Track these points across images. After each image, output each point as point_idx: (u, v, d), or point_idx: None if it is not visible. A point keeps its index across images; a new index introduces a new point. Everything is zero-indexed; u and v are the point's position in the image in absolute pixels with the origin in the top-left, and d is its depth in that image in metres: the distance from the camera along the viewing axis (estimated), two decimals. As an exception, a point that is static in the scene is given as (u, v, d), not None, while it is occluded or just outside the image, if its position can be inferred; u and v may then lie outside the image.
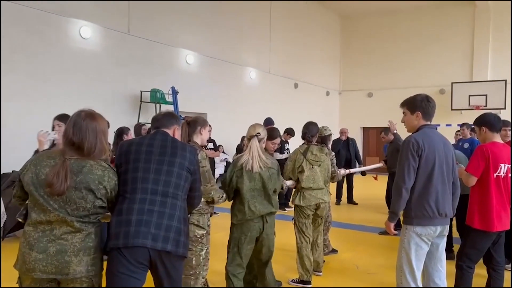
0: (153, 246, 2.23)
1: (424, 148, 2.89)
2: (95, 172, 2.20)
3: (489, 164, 3.33)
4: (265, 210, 3.33)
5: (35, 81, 7.59)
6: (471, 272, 3.51)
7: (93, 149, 2.23)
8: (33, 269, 2.13)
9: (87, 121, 2.25)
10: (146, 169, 2.35)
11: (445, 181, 2.96)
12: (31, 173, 2.17)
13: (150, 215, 2.27)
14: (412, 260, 2.94)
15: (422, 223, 2.92)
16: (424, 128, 3.03)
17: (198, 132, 3.32)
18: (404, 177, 2.90)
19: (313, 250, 4.61)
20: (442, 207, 2.93)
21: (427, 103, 3.05)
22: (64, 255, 2.13)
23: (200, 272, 3.24)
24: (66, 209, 2.14)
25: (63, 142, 2.26)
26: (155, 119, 2.68)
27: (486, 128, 3.47)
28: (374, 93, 17.61)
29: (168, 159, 2.41)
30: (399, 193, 2.93)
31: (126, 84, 9.25)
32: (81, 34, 8.37)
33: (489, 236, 3.42)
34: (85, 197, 2.16)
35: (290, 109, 14.29)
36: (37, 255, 2.13)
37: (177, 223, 2.32)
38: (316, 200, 4.32)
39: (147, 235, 2.23)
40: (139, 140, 2.51)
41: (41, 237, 2.15)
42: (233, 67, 12.35)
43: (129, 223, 2.24)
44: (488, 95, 14.41)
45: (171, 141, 2.52)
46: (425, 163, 2.90)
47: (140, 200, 2.29)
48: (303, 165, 4.32)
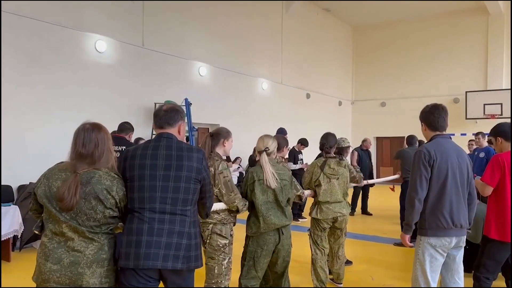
0: (164, 267, 2.26)
1: (436, 158, 2.87)
2: (104, 182, 2.22)
3: (505, 174, 3.29)
4: (280, 223, 3.33)
5: (51, 95, 7.74)
6: (489, 283, 3.45)
7: (101, 156, 2.27)
8: (47, 280, 2.17)
9: (95, 132, 2.30)
10: (152, 187, 2.30)
11: (459, 191, 2.93)
12: (44, 186, 2.23)
13: (159, 235, 2.27)
14: (427, 272, 2.91)
15: (436, 234, 2.89)
16: (436, 138, 3.02)
17: (221, 144, 3.37)
18: (416, 188, 2.87)
19: (334, 262, 4.59)
20: (457, 217, 2.89)
21: (429, 114, 3.06)
22: (77, 267, 2.16)
23: (222, 281, 3.27)
24: (77, 220, 2.18)
25: (72, 156, 2.27)
26: (157, 115, 2.49)
27: (502, 138, 3.44)
28: (387, 103, 17.53)
29: (173, 174, 2.33)
30: (412, 204, 2.90)
31: (140, 96, 9.38)
32: (97, 48, 8.53)
33: (507, 246, 3.36)
34: (95, 207, 2.19)
35: (303, 119, 14.30)
36: (51, 266, 2.17)
37: (186, 240, 2.31)
38: (334, 214, 4.28)
39: (157, 256, 2.24)
40: (142, 152, 2.39)
41: (56, 248, 2.19)
42: (245, 78, 12.44)
43: (139, 244, 2.25)
44: (504, 103, 14.22)
45: (176, 149, 2.39)
46: (438, 173, 2.88)
47: (149, 220, 2.28)
48: (320, 179, 4.27)
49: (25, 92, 7.31)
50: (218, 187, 3.19)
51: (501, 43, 15.12)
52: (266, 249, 3.31)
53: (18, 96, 7.19)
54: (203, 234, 3.29)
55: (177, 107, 2.60)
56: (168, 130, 2.48)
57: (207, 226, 3.27)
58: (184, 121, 2.58)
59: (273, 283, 3.57)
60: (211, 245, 3.26)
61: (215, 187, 3.19)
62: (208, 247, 3.27)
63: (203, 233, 3.29)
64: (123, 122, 6.10)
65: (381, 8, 15.52)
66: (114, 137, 6.16)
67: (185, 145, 2.46)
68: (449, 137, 3.08)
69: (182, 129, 2.55)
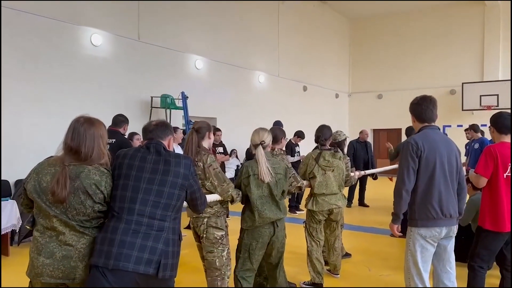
0: (135, 269, 2.14)
1: (424, 149, 2.89)
2: (92, 177, 2.22)
3: (498, 165, 3.32)
4: (275, 217, 3.35)
5: (48, 89, 7.72)
6: (484, 272, 3.49)
7: (90, 153, 2.25)
8: (41, 274, 2.18)
9: (85, 126, 2.28)
10: (135, 188, 2.28)
11: (448, 181, 2.94)
12: (34, 181, 2.23)
13: (134, 236, 2.19)
14: (418, 262, 2.95)
15: (426, 224, 2.92)
16: (424, 129, 3.04)
17: (207, 137, 3.40)
18: (404, 179, 2.90)
19: (330, 253, 4.63)
20: (446, 208, 2.92)
21: (417, 106, 3.08)
22: (70, 261, 2.17)
23: (225, 272, 3.33)
24: (67, 214, 2.18)
25: (63, 149, 2.28)
26: (148, 130, 2.57)
27: (494, 128, 3.46)
28: (384, 95, 17.56)
29: (159, 178, 2.32)
30: (399, 195, 2.93)
31: (136, 90, 9.36)
32: (92, 41, 8.50)
33: (501, 236, 3.41)
34: (84, 202, 2.19)
35: (300, 112, 14.31)
36: (44, 260, 2.17)
37: (163, 245, 2.23)
38: (329, 206, 4.31)
39: (129, 258, 2.14)
40: (133, 153, 2.42)
41: (48, 243, 2.19)
42: (242, 71, 12.42)
43: (112, 243, 2.16)
44: (500, 94, 14.27)
45: (165, 155, 2.42)
46: (426, 164, 2.90)
47: (126, 220, 2.22)
48: (314, 171, 4.29)
49: (22, 87, 7.29)
50: (209, 180, 3.22)
51: (497, 34, 15.14)
52: (261, 241, 3.35)
53: (15, 91, 7.17)
54: (198, 229, 3.32)
55: (166, 122, 2.70)
56: (159, 141, 2.54)
57: (201, 220, 3.29)
58: (173, 136, 2.67)
59: (268, 274, 3.62)
60: (208, 239, 3.28)
61: (206, 180, 3.22)
62: (206, 241, 3.30)
63: (198, 228, 3.32)
64: (116, 115, 6.09)
65: None
66: (108, 130, 6.20)
67: (173, 152, 2.51)
68: (437, 128, 3.08)
69: (171, 144, 2.63)
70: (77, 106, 8.11)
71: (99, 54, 8.67)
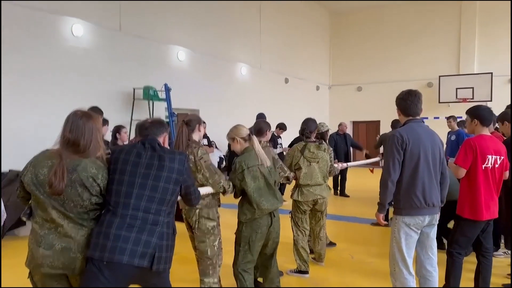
0: (130, 262, 2.18)
1: (408, 141, 3.03)
2: (89, 170, 2.27)
3: (477, 157, 3.47)
4: (273, 207, 3.44)
5: (28, 81, 7.59)
6: (461, 258, 3.68)
7: (88, 146, 2.30)
8: (41, 265, 2.23)
9: (84, 120, 2.33)
10: (130, 183, 2.32)
11: (431, 172, 3.09)
12: (31, 173, 2.26)
13: (129, 230, 2.23)
14: (403, 249, 3.09)
15: (410, 213, 3.07)
16: (409, 123, 3.18)
17: (197, 129, 3.44)
18: (389, 170, 3.04)
19: (315, 242, 4.77)
20: (429, 197, 3.07)
21: (402, 100, 3.22)
22: (69, 252, 2.22)
23: (216, 261, 3.40)
24: (64, 206, 2.22)
25: (60, 141, 2.32)
26: (143, 127, 2.65)
27: (478, 121, 3.61)
28: (364, 88, 17.83)
29: (154, 173, 2.37)
30: (385, 185, 3.07)
31: (118, 81, 9.28)
32: (73, 32, 8.38)
33: (478, 224, 3.58)
34: (81, 194, 2.23)
35: (281, 104, 14.42)
36: (44, 251, 2.22)
37: (157, 239, 2.27)
38: (314, 196, 4.44)
39: (123, 251, 2.18)
40: (129, 149, 2.47)
41: (47, 234, 2.24)
42: (224, 63, 12.43)
43: (107, 236, 2.20)
44: (475, 87, 14.71)
45: (160, 151, 2.47)
46: (410, 156, 3.03)
47: (122, 215, 2.26)
48: (300, 162, 4.41)
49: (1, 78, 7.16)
50: (201, 172, 3.28)
51: (473, 28, 15.53)
52: (260, 232, 3.41)
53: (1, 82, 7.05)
54: (191, 220, 3.38)
55: (162, 120, 2.79)
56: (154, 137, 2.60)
57: (193, 211, 3.35)
58: (168, 133, 2.73)
59: (261, 264, 3.68)
60: (200, 229, 3.36)
61: (198, 173, 3.28)
62: (198, 232, 3.37)
63: (190, 219, 3.38)
64: (90, 107, 6.07)
65: (358, -7, 15.68)
66: None
67: (168, 148, 2.57)
68: (422, 121, 3.23)
69: (166, 141, 2.69)
70: (57, 98, 8.02)
71: (80, 45, 8.56)
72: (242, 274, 3.46)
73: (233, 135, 3.56)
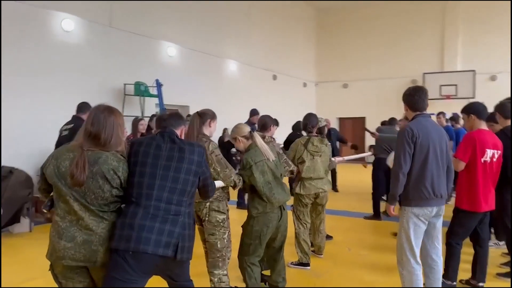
0: (155, 252, 2.23)
1: (418, 135, 3.13)
2: (110, 163, 2.29)
3: (476, 150, 3.61)
4: (283, 199, 3.50)
5: (17, 76, 7.47)
6: (459, 248, 3.82)
7: (109, 140, 2.32)
8: (62, 257, 2.24)
9: (105, 114, 2.36)
10: (152, 174, 2.36)
11: (439, 164, 3.20)
12: (53, 166, 2.28)
13: (153, 220, 2.28)
14: (411, 238, 3.19)
15: (419, 204, 3.17)
16: (418, 117, 3.28)
17: (208, 124, 3.46)
18: (401, 163, 3.13)
19: (315, 236, 4.86)
20: (437, 189, 3.18)
21: (410, 96, 3.32)
22: (90, 245, 2.24)
23: (225, 253, 3.43)
24: (86, 198, 2.25)
25: (82, 134, 2.35)
26: (162, 119, 2.71)
27: (475, 116, 3.75)
28: (349, 84, 18.05)
29: (175, 165, 2.41)
30: (396, 177, 3.15)
31: (109, 77, 9.21)
32: (63, 27, 8.28)
33: (476, 216, 3.73)
34: (102, 186, 2.26)
35: (270, 100, 14.46)
36: (65, 244, 2.23)
37: (180, 229, 2.33)
38: (316, 190, 4.53)
39: (148, 240, 2.23)
40: (148, 141, 2.50)
41: (68, 227, 2.26)
42: (214, 60, 12.43)
43: (132, 227, 2.24)
44: (458, 85, 15.05)
45: (179, 143, 2.51)
46: (420, 149, 3.13)
47: (145, 206, 2.30)
48: (303, 156, 4.48)
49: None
50: (212, 166, 3.32)
51: (457, 26, 15.87)
52: (271, 226, 3.46)
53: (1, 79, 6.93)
54: (201, 212, 3.42)
55: (180, 114, 2.82)
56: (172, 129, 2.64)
57: (204, 204, 3.39)
58: (185, 126, 2.77)
59: (269, 256, 3.72)
60: (210, 222, 3.40)
61: (209, 166, 3.31)
62: (208, 224, 3.41)
63: (201, 211, 3.42)
64: (80, 102, 6.09)
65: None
66: (72, 117, 6.17)
67: (187, 141, 2.62)
68: (429, 116, 3.34)
69: (183, 133, 2.75)
70: (47, 93, 7.94)
71: (71, 40, 8.46)
72: (251, 267, 3.52)
73: (234, 135, 3.61)
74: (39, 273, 4.43)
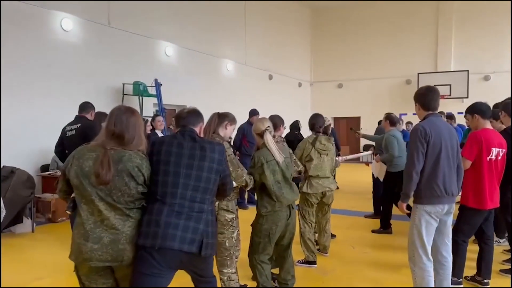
0: (180, 248, 2.29)
1: (431, 134, 3.16)
2: (134, 160, 2.32)
3: (483, 149, 3.68)
4: (292, 199, 3.53)
5: (17, 74, 7.44)
6: (466, 245, 3.89)
7: (131, 140, 2.35)
8: (90, 259, 2.25)
9: (127, 115, 2.38)
10: (176, 173, 2.40)
11: (451, 163, 3.26)
12: (76, 166, 2.29)
13: (178, 217, 2.33)
14: (423, 236, 3.24)
15: (431, 201, 3.21)
16: (430, 117, 3.31)
17: (224, 126, 3.48)
18: (414, 162, 3.16)
19: (321, 235, 4.91)
20: (449, 187, 3.23)
21: (423, 96, 3.35)
22: (117, 244, 2.26)
23: (233, 252, 3.45)
24: (112, 196, 2.26)
25: (104, 134, 2.37)
26: (181, 117, 2.68)
27: (479, 115, 3.82)
28: (344, 84, 18.16)
29: (197, 163, 2.45)
30: (410, 176, 3.18)
31: (108, 76, 9.19)
32: (63, 26, 8.25)
33: (482, 213, 3.80)
34: (128, 183, 2.28)
35: (265, 100, 14.52)
36: (93, 246, 2.24)
37: (203, 226, 2.39)
38: (323, 189, 4.57)
39: (174, 237, 2.28)
40: (170, 140, 2.53)
41: (93, 228, 2.26)
42: (210, 59, 12.45)
43: (158, 224, 2.29)
44: (452, 84, 15.22)
45: (200, 142, 2.54)
46: (433, 148, 3.17)
47: (170, 203, 2.35)
48: (311, 154, 4.53)
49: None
50: None
51: (450, 26, 16.06)
52: (280, 224, 3.49)
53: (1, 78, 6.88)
54: None
55: (198, 111, 2.77)
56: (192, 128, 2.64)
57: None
58: (203, 123, 2.77)
59: (278, 254, 3.77)
60: (219, 221, 3.41)
61: None
62: (217, 223, 3.42)
63: None
64: (83, 102, 6.03)
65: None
66: (75, 117, 6.13)
67: (206, 139, 2.65)
68: (440, 116, 3.39)
69: (201, 131, 2.75)
70: (46, 92, 7.91)
71: (70, 39, 8.43)
72: (261, 265, 3.54)
73: (253, 130, 3.65)
74: (44, 273, 4.46)
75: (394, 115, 6.34)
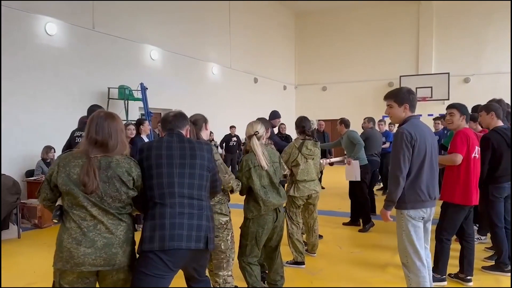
0: (188, 247, 2.35)
1: (416, 138, 3.08)
2: (123, 165, 2.33)
3: (470, 146, 3.81)
4: (278, 203, 3.57)
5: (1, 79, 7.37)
6: (449, 244, 4.01)
7: (115, 146, 2.35)
8: (82, 263, 2.22)
9: (109, 121, 2.37)
10: (169, 174, 2.43)
11: (433, 166, 3.23)
12: (63, 174, 2.26)
13: (181, 217, 2.38)
14: (414, 241, 3.15)
15: (415, 206, 3.14)
16: (411, 119, 3.22)
17: (204, 128, 3.49)
18: (400, 167, 3.06)
19: (309, 235, 4.99)
20: (432, 191, 3.19)
21: (412, 95, 3.27)
22: (111, 248, 2.25)
23: (230, 254, 3.48)
24: (103, 203, 2.26)
25: (86, 141, 2.34)
26: (167, 120, 2.68)
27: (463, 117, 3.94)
28: (328, 87, 18.35)
29: (189, 162, 2.50)
30: (397, 181, 3.05)
31: (93, 81, 9.15)
32: (47, 30, 8.20)
33: (465, 210, 3.91)
34: (119, 189, 2.29)
35: (251, 103, 14.64)
36: (85, 250, 2.21)
37: (206, 222, 2.46)
38: (309, 191, 4.67)
39: (181, 237, 2.34)
40: (157, 144, 2.55)
41: (86, 233, 2.23)
42: (196, 63, 12.48)
43: (163, 227, 2.34)
44: (434, 87, 15.54)
45: (188, 142, 2.58)
46: (418, 152, 3.09)
47: (170, 204, 2.39)
48: (298, 159, 4.60)
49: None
50: None
51: (431, 31, 16.39)
52: (267, 228, 3.55)
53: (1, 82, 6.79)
54: None
55: (184, 114, 2.79)
56: (179, 131, 2.68)
57: None
58: (190, 126, 2.81)
59: (266, 256, 3.83)
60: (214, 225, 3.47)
61: None
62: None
63: None
64: (92, 105, 5.95)
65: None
66: (82, 122, 6.03)
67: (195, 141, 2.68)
68: (419, 118, 3.35)
69: (188, 133, 2.78)
70: (31, 97, 7.85)
71: (54, 43, 8.39)
72: (250, 266, 3.61)
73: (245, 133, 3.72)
74: (33, 279, 4.43)
75: (346, 119, 6.56)
